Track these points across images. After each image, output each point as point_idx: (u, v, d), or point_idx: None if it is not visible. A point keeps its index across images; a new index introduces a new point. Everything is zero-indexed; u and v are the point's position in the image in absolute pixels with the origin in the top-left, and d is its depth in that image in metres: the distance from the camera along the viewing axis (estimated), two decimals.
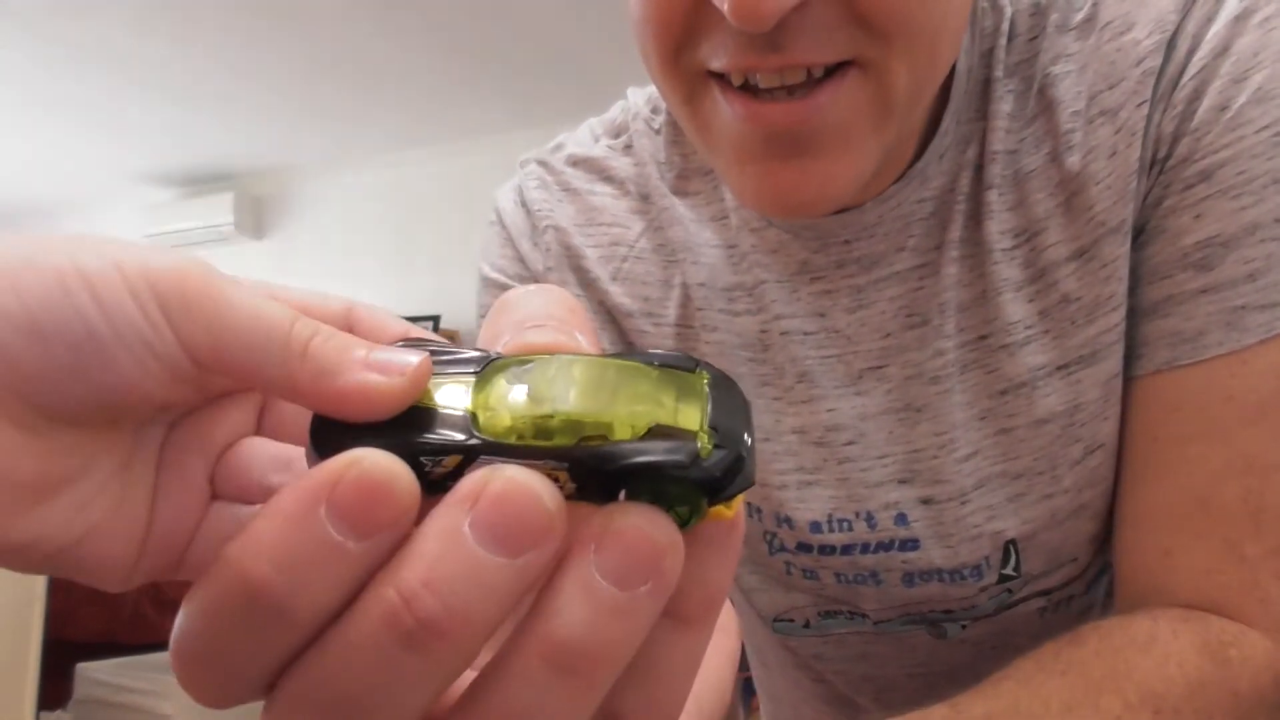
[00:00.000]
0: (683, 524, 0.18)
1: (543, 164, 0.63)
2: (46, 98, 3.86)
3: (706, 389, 0.19)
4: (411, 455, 0.17)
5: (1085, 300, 0.49)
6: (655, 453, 0.17)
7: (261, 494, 0.21)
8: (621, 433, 0.17)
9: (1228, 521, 0.45)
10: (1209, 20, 0.46)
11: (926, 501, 0.54)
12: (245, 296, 0.19)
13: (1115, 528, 0.51)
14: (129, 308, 0.18)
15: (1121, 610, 0.48)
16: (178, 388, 0.19)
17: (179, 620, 0.17)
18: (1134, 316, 0.48)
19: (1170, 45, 0.46)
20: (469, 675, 0.18)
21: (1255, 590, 0.44)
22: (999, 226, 0.50)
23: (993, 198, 0.50)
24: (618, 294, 0.57)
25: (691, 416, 0.18)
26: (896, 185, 0.51)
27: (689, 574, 0.18)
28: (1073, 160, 0.48)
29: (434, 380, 0.18)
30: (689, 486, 0.17)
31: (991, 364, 0.51)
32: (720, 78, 0.42)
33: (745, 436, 0.18)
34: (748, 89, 0.41)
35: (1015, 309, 0.50)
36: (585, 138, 0.64)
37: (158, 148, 4.57)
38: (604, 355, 0.19)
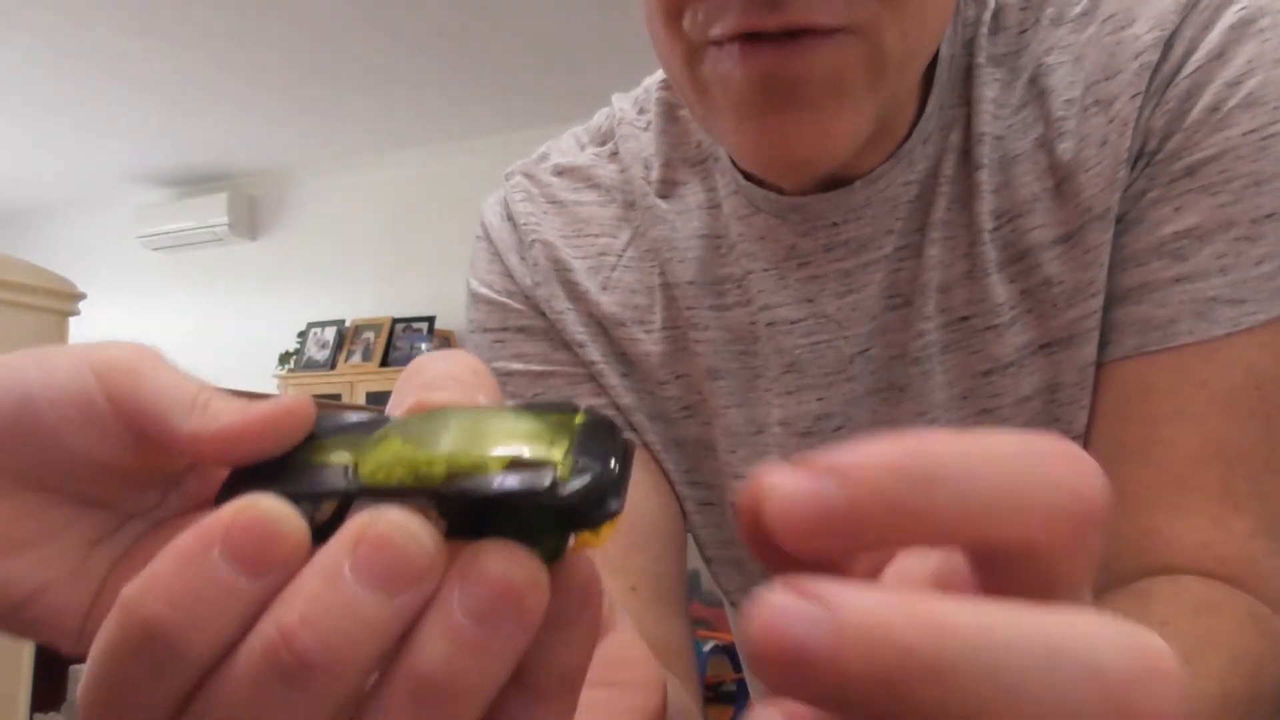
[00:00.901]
0: (549, 559, 0.18)
1: (528, 176, 0.63)
2: (42, 98, 3.85)
3: (578, 426, 0.19)
4: (295, 501, 0.18)
5: (1068, 284, 0.49)
6: (512, 483, 0.17)
7: None
8: (484, 469, 0.18)
9: (1209, 501, 0.46)
10: (1207, 26, 0.47)
11: None
12: (167, 372, 0.22)
13: None
14: (66, 375, 0.21)
15: (1102, 591, 0.48)
16: (117, 453, 0.22)
17: (85, 669, 0.18)
18: (1107, 302, 0.49)
19: (1168, 44, 0.48)
20: None
21: (1252, 565, 0.45)
22: (985, 207, 0.51)
23: (982, 178, 0.51)
24: (608, 304, 0.58)
25: (556, 451, 0.18)
26: (884, 166, 0.51)
27: (542, 649, 0.18)
28: (1065, 147, 0.49)
29: (331, 440, 0.20)
30: (549, 515, 0.18)
31: (975, 345, 0.52)
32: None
33: (611, 464, 0.18)
34: (744, 37, 0.43)
35: (999, 290, 0.51)
36: (570, 146, 0.64)
37: (152, 148, 4.56)
38: (485, 407, 0.20)
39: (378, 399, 4.47)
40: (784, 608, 0.14)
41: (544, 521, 0.18)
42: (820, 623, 0.14)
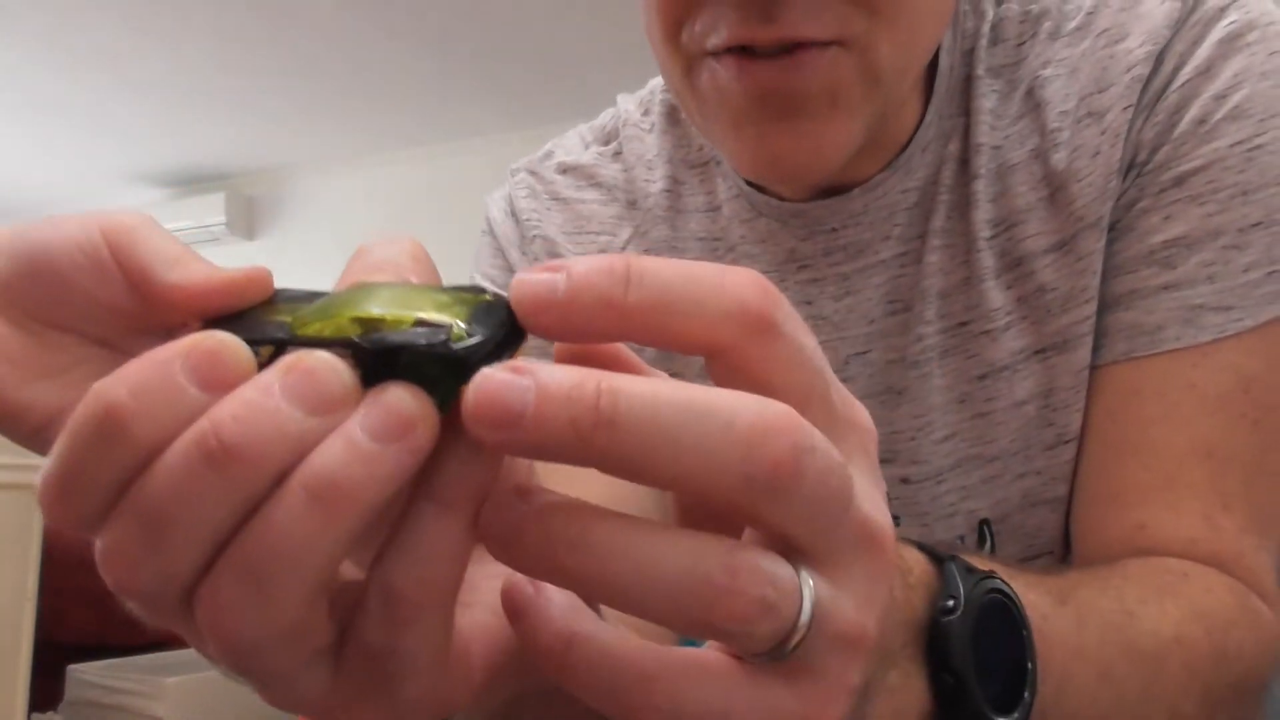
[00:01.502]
0: (442, 404, 0.21)
1: (532, 173, 0.64)
2: (37, 98, 3.85)
3: (479, 302, 0.22)
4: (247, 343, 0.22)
5: (1061, 290, 0.51)
6: (412, 336, 0.21)
7: None
8: (395, 326, 0.21)
9: (1198, 499, 0.47)
10: (1196, 42, 0.49)
11: (905, 481, 0.55)
12: (159, 235, 0.27)
13: (1077, 507, 0.53)
14: (76, 229, 0.26)
15: None
16: (120, 299, 0.27)
17: (50, 453, 0.21)
18: (1098, 308, 0.51)
19: (1159, 58, 0.49)
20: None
21: (1240, 558, 0.46)
22: (982, 215, 0.52)
23: (979, 187, 0.52)
24: None
25: (457, 317, 0.21)
26: (882, 174, 0.53)
27: (440, 469, 0.21)
28: (1059, 157, 0.51)
29: (281, 305, 0.25)
30: (441, 366, 0.21)
31: (971, 349, 0.53)
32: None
33: (499, 332, 0.21)
34: (741, 51, 0.44)
35: (995, 296, 0.52)
36: (575, 145, 0.65)
37: (149, 147, 4.56)
38: (407, 284, 0.24)
39: None
40: (501, 381, 0.19)
41: (439, 372, 0.21)
42: (527, 390, 0.19)
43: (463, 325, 0.21)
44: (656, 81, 0.65)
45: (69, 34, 3.29)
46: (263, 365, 0.21)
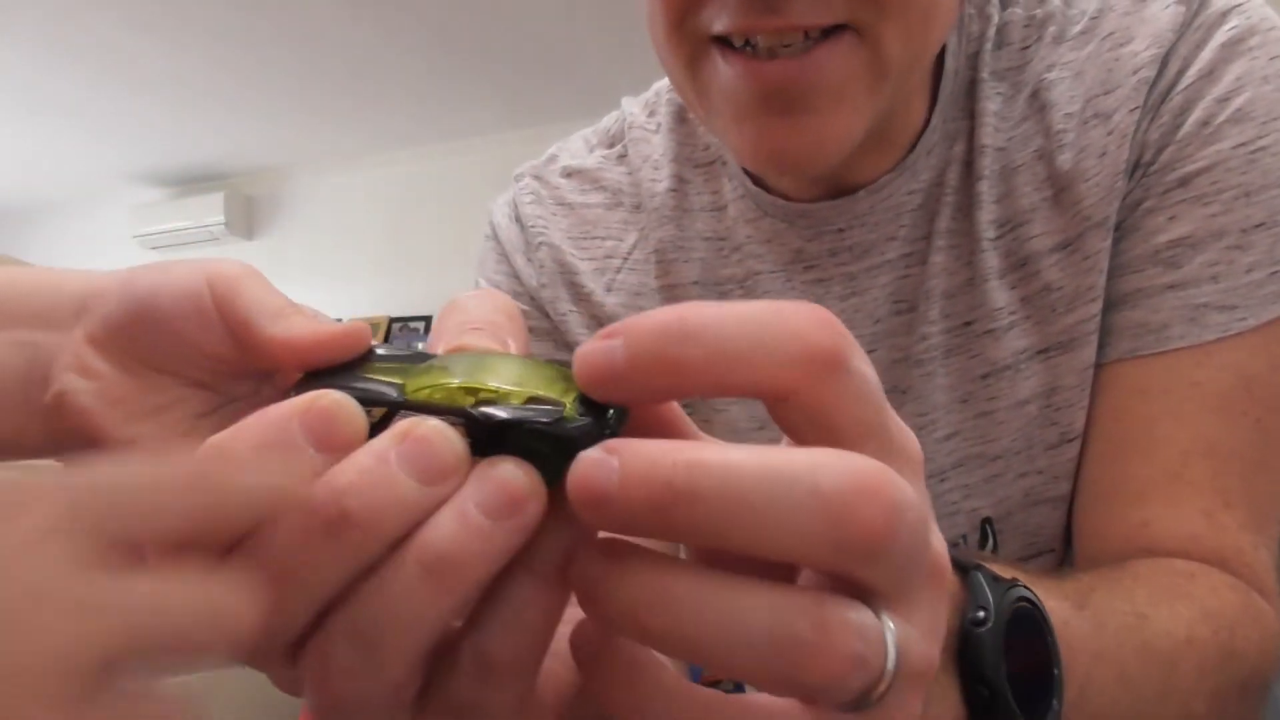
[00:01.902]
0: (551, 481, 0.21)
1: (537, 178, 0.64)
2: (36, 97, 3.85)
3: None
4: (359, 402, 0.22)
5: (1067, 290, 0.51)
6: (526, 413, 0.21)
7: None
8: (506, 400, 0.22)
9: (1200, 496, 0.47)
10: (1200, 45, 0.49)
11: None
12: (262, 287, 0.27)
13: (1080, 504, 0.53)
14: (184, 279, 0.26)
15: None
16: (221, 347, 0.27)
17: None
18: (1103, 306, 0.51)
19: (1164, 61, 0.50)
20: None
21: (1241, 555, 0.47)
22: (986, 216, 0.53)
23: (983, 188, 0.53)
24: (612, 305, 0.59)
25: (567, 396, 0.22)
26: (889, 175, 0.53)
27: (542, 545, 0.21)
28: (1064, 158, 0.51)
29: (386, 364, 0.25)
30: (552, 444, 0.21)
31: (975, 349, 0.54)
32: (720, 42, 0.45)
33: (608, 414, 0.22)
34: (746, 49, 0.44)
35: (999, 296, 0.53)
36: (579, 148, 0.65)
37: (148, 147, 4.55)
38: (514, 355, 0.25)
39: None
40: (590, 461, 0.19)
41: (548, 449, 0.21)
42: (612, 471, 0.19)
43: (574, 404, 0.22)
44: (662, 83, 0.65)
45: (68, 33, 3.29)
46: (373, 424, 0.22)
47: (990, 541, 0.55)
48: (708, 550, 0.23)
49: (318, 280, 4.92)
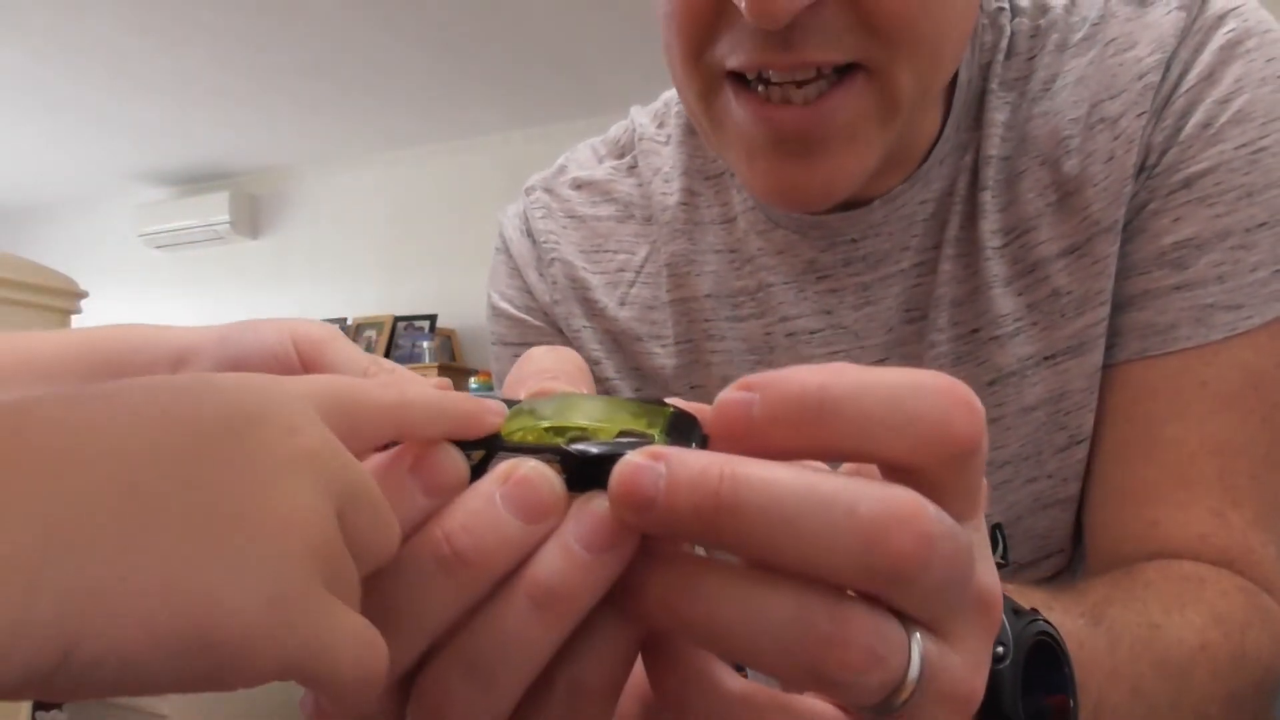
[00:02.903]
0: None
1: (548, 190, 0.64)
2: (42, 97, 3.86)
3: (671, 413, 0.24)
4: (460, 448, 0.24)
5: (1076, 294, 0.52)
6: (619, 447, 0.22)
7: None
8: (598, 436, 0.23)
9: (1209, 495, 0.48)
10: (1199, 49, 0.50)
11: None
12: (347, 347, 0.28)
13: (1089, 505, 0.54)
14: (272, 339, 0.27)
15: None
16: None
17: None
18: (1111, 308, 0.51)
19: (1167, 65, 0.50)
20: None
21: (1250, 554, 0.47)
22: (991, 225, 0.53)
23: (986, 198, 0.53)
24: (626, 319, 0.59)
25: (654, 428, 0.23)
26: (902, 186, 0.54)
27: (638, 569, 0.22)
28: (1070, 164, 0.51)
29: None
30: None
31: (982, 355, 0.54)
32: (735, 78, 0.45)
33: (693, 445, 0.23)
34: (760, 83, 0.44)
35: (1005, 303, 0.53)
36: (588, 159, 0.65)
37: (153, 146, 4.56)
38: (595, 395, 0.26)
39: None
40: (637, 465, 0.20)
41: None
42: (659, 476, 0.20)
43: (661, 435, 0.23)
44: (670, 94, 0.65)
45: (74, 33, 3.30)
46: (472, 467, 0.23)
47: (1001, 547, 0.55)
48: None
49: (322, 279, 4.93)
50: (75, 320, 1.65)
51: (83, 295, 1.65)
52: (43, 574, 0.14)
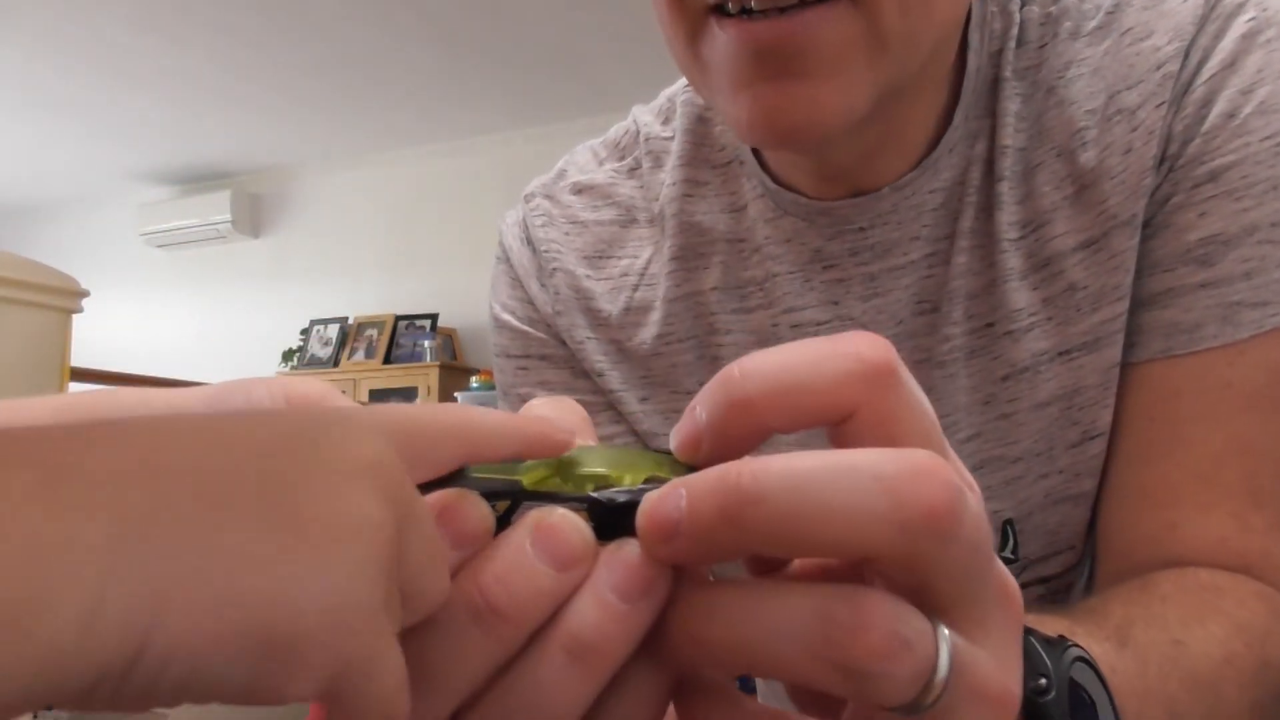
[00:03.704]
0: None
1: (548, 197, 0.63)
2: (44, 96, 3.86)
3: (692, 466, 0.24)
4: (485, 497, 0.23)
5: (1092, 289, 0.51)
6: (646, 493, 0.22)
7: None
8: (625, 482, 0.23)
9: (1231, 498, 0.47)
10: (1219, 36, 0.49)
11: None
12: (345, 404, 0.27)
13: (1106, 506, 0.53)
14: (266, 401, 0.26)
15: (1117, 583, 0.49)
16: None
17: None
18: (1132, 305, 0.51)
19: (1186, 54, 0.49)
20: None
21: (1269, 558, 0.46)
22: (1008, 217, 0.52)
23: (1003, 189, 0.52)
24: (630, 325, 0.58)
25: (676, 474, 0.23)
26: (912, 174, 0.53)
27: (671, 617, 0.22)
28: (1087, 156, 0.51)
29: (491, 465, 0.25)
30: None
31: (996, 350, 0.53)
32: (718, 12, 0.44)
33: None
34: (744, 13, 0.43)
35: (1020, 296, 0.52)
36: (588, 161, 0.64)
37: (155, 145, 4.57)
38: (614, 445, 0.26)
39: (381, 396, 4.47)
40: (661, 497, 0.21)
41: None
42: (680, 497, 0.20)
43: None
44: (673, 89, 0.64)
45: (75, 32, 3.30)
46: (497, 519, 0.23)
47: (1011, 543, 0.55)
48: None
49: (324, 278, 4.93)
50: (76, 319, 1.65)
51: (84, 294, 1.65)
52: (114, 567, 0.14)
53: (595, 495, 0.22)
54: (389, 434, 0.20)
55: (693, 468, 0.23)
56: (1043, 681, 0.29)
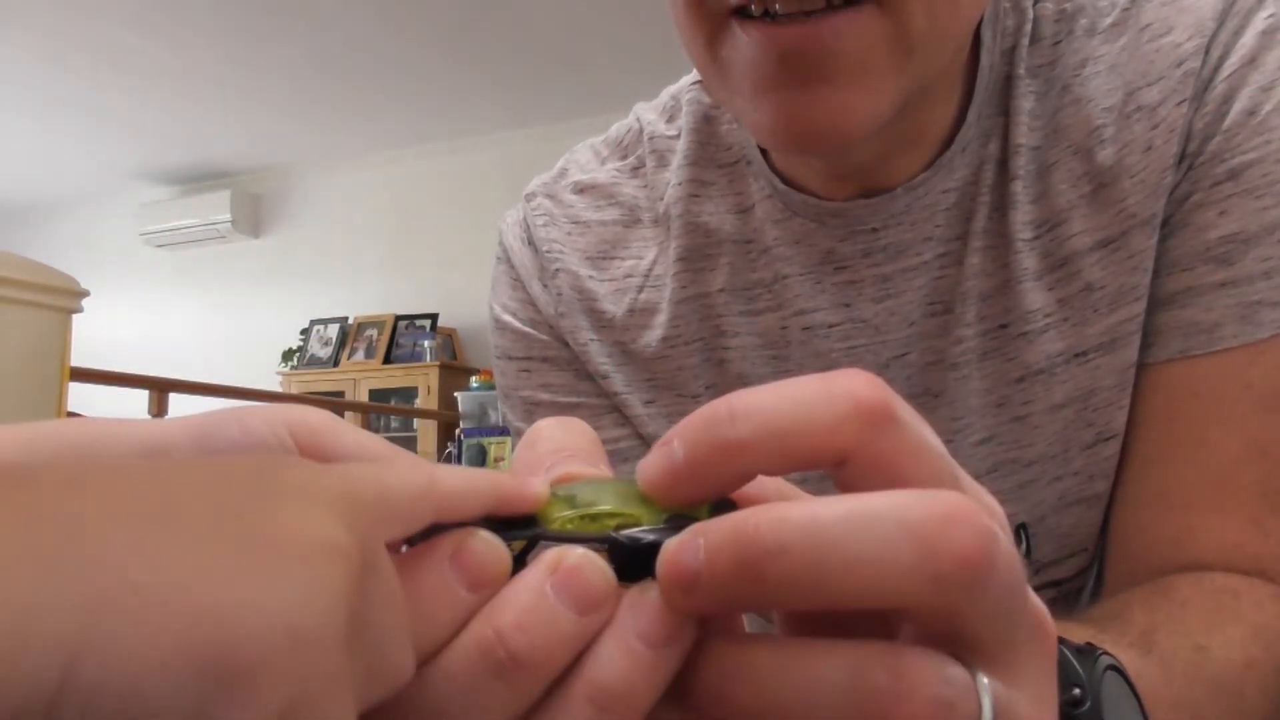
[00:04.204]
0: None
1: (549, 196, 0.62)
2: (45, 95, 3.86)
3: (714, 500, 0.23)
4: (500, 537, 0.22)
5: (1110, 289, 0.50)
6: (671, 532, 0.21)
7: None
8: (646, 521, 0.22)
9: (1248, 502, 0.46)
10: (1239, 32, 0.48)
11: None
12: (347, 432, 0.25)
13: (1120, 508, 0.52)
14: (264, 430, 0.25)
15: (1130, 586, 0.49)
16: None
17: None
18: (1149, 305, 0.50)
19: (1207, 50, 0.49)
20: None
21: None
22: (1022, 217, 0.51)
23: (1018, 189, 0.51)
24: (635, 328, 0.57)
25: (702, 512, 0.22)
26: (926, 174, 0.52)
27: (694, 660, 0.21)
28: (1105, 153, 0.50)
29: None
30: None
31: (1010, 352, 0.52)
32: (740, 15, 0.44)
33: None
34: (767, 17, 0.43)
35: (1035, 297, 0.51)
36: (590, 161, 0.63)
37: (155, 145, 4.56)
38: (632, 479, 0.25)
39: (381, 396, 4.47)
40: (680, 545, 0.19)
41: None
42: (698, 547, 0.19)
43: (708, 516, 0.21)
44: (677, 87, 0.62)
45: (76, 31, 3.30)
46: (514, 559, 0.22)
47: (1025, 546, 0.54)
48: (798, 624, 0.23)
49: (324, 278, 4.93)
50: (76, 319, 1.65)
51: (84, 294, 1.65)
52: (50, 577, 0.13)
53: (617, 535, 0.21)
54: (354, 494, 0.19)
55: (723, 501, 0.23)
56: (1076, 692, 0.28)
